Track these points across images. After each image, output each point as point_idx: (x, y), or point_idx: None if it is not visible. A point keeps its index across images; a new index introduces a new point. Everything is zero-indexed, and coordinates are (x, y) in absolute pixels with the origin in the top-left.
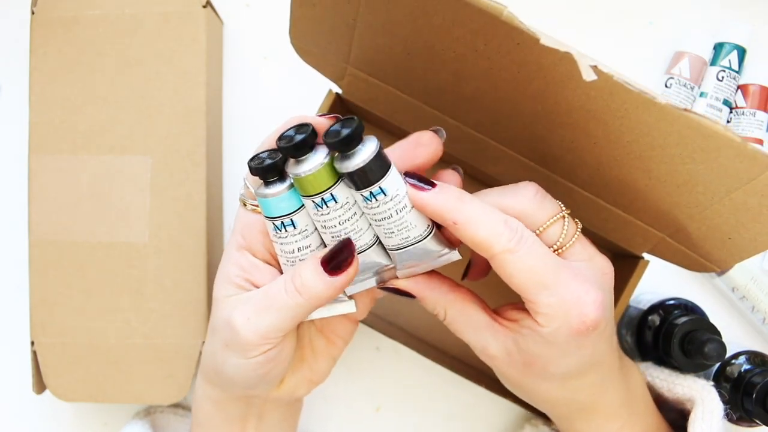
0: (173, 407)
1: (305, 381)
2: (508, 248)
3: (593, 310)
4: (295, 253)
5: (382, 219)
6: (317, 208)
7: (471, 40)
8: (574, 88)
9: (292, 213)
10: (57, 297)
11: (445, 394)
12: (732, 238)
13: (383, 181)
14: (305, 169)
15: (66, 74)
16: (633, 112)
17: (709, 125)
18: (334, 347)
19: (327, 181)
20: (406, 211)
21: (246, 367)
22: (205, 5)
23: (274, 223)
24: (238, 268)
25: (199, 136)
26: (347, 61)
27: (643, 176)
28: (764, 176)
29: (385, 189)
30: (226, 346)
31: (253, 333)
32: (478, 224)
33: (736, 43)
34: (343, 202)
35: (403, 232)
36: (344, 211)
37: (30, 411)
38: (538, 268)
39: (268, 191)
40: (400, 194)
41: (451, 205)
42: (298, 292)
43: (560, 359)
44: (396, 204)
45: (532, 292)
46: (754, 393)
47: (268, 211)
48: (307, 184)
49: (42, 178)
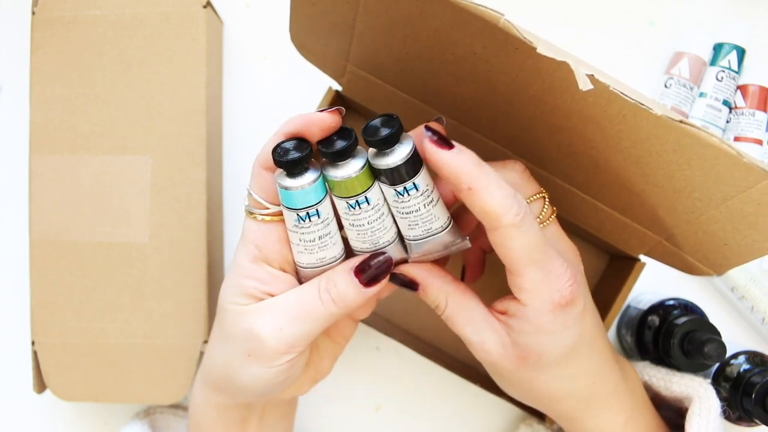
0: (173, 407)
1: (309, 380)
2: (514, 222)
3: (572, 284)
4: (315, 241)
5: (410, 212)
6: (350, 208)
7: (469, 44)
8: (573, 94)
9: (317, 204)
10: (57, 297)
11: (445, 394)
12: (728, 243)
13: (417, 177)
14: (345, 174)
15: (66, 74)
16: (631, 119)
17: (705, 137)
18: (338, 346)
19: (363, 184)
20: (432, 205)
21: (267, 375)
22: (205, 5)
23: (299, 214)
24: (255, 281)
25: (199, 136)
26: (347, 59)
27: (640, 180)
28: (761, 185)
29: (418, 185)
30: (248, 356)
31: (282, 342)
32: (492, 194)
33: (735, 43)
34: (375, 203)
35: (426, 224)
36: (374, 212)
37: (30, 411)
38: (533, 244)
39: (295, 183)
40: (429, 189)
41: (469, 170)
42: (333, 302)
43: (550, 343)
44: (425, 198)
45: (524, 266)
46: (754, 393)
47: (293, 203)
48: (344, 188)
49: (42, 178)
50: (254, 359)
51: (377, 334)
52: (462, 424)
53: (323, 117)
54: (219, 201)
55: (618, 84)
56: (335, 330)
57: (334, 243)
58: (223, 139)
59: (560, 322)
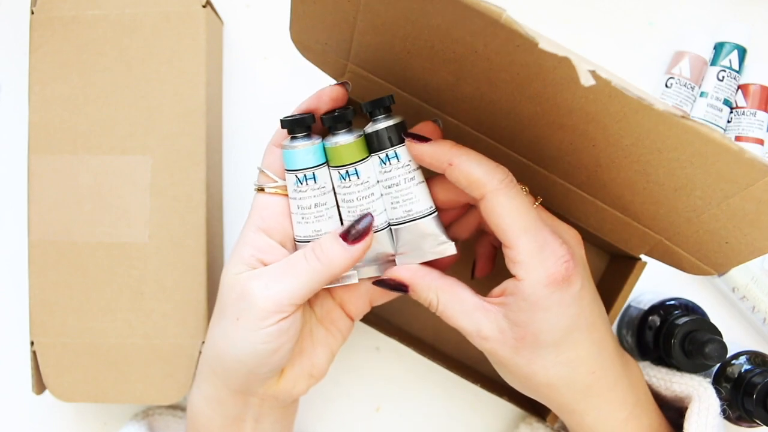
0: (172, 408)
1: (304, 375)
2: (499, 187)
3: (567, 260)
4: (311, 209)
5: (392, 186)
6: (341, 179)
7: (470, 41)
8: (574, 91)
9: (315, 167)
10: (57, 297)
11: (445, 394)
12: (729, 242)
13: (399, 147)
14: (339, 140)
15: (66, 74)
16: (632, 116)
17: (707, 133)
18: (333, 339)
19: (355, 155)
20: (414, 183)
21: (258, 340)
22: (205, 5)
23: (297, 175)
24: (252, 248)
25: (199, 136)
26: (347, 58)
27: (641, 179)
28: (762, 182)
29: (399, 154)
30: (238, 320)
31: (270, 300)
32: (472, 163)
33: (736, 42)
34: (365, 179)
35: (407, 203)
36: (364, 188)
37: (30, 411)
38: (523, 210)
39: (296, 143)
40: (411, 165)
41: (447, 149)
42: (317, 258)
43: (547, 322)
44: (406, 172)
45: (515, 234)
46: (755, 393)
47: (293, 163)
48: (338, 155)
49: (42, 178)
50: (243, 321)
51: (377, 334)
52: (462, 424)
53: (332, 88)
54: (219, 201)
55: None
56: (328, 319)
57: (330, 217)
58: (223, 139)
59: (556, 300)
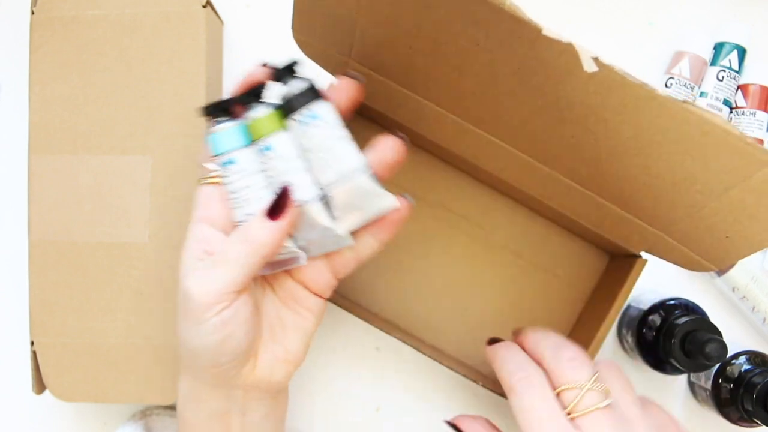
0: (170, 408)
1: (280, 361)
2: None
3: None
4: (239, 192)
5: (317, 148)
6: (261, 154)
7: (473, 34)
8: (575, 83)
9: (235, 150)
10: (57, 297)
11: (445, 394)
12: (729, 236)
13: (315, 104)
14: (255, 114)
15: (66, 74)
16: (632, 108)
17: (708, 117)
18: (304, 320)
19: (270, 127)
20: (338, 141)
21: (204, 333)
22: (205, 5)
23: (222, 161)
24: (197, 241)
25: (199, 136)
26: (349, 55)
27: (641, 173)
28: (761, 173)
29: (317, 114)
30: (184, 317)
31: (205, 294)
32: None
33: (736, 42)
34: (283, 152)
35: (336, 163)
36: (284, 162)
37: (30, 411)
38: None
39: (215, 128)
40: (332, 122)
41: None
42: (244, 240)
43: None
44: (329, 131)
45: None
46: (755, 393)
47: (215, 148)
48: (255, 129)
49: (42, 178)
50: (188, 317)
51: (377, 334)
52: None
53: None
54: None
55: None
56: (292, 300)
57: (260, 198)
58: None
59: None
